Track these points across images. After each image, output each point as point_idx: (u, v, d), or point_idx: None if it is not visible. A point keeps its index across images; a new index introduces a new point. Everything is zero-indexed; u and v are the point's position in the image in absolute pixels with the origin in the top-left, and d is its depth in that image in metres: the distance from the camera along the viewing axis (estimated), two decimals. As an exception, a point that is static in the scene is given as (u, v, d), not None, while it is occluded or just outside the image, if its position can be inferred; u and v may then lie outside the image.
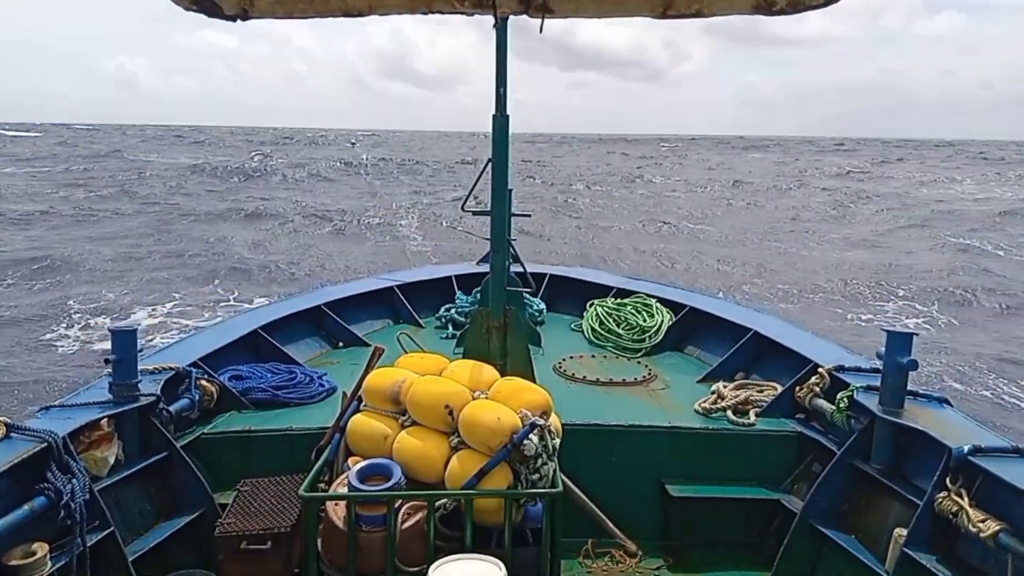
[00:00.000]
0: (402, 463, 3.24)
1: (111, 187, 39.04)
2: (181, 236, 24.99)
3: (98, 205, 32.20)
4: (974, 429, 3.64)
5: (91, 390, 4.01)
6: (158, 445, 3.95)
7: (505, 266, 4.19)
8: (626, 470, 4.39)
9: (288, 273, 19.99)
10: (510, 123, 3.92)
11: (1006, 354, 13.86)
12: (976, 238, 27.77)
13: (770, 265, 22.55)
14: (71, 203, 32.53)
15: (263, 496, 3.60)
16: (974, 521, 3.07)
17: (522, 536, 3.25)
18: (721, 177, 55.73)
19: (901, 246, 26.71)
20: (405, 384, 3.46)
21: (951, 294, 18.70)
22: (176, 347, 5.05)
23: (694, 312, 6.34)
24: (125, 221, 28.33)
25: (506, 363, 4.05)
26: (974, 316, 17.14)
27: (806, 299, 18.43)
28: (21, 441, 3.17)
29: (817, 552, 3.91)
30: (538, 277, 7.25)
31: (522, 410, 3.26)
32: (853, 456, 3.94)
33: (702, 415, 4.65)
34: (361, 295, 7.00)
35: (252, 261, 21.07)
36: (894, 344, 3.87)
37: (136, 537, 3.68)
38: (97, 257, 20.75)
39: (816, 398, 4.47)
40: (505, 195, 4.06)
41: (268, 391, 4.75)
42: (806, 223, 32.49)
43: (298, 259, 21.99)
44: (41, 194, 35.61)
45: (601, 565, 4.16)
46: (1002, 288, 19.29)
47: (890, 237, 28.84)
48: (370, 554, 3.07)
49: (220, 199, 35.59)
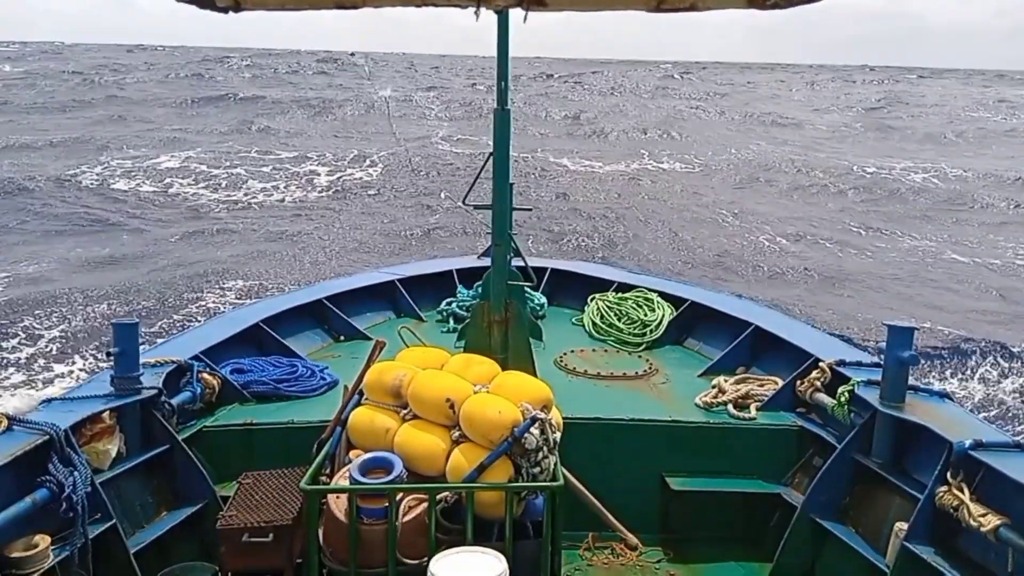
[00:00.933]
0: (403, 456, 3.24)
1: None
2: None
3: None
4: (975, 424, 3.64)
5: (93, 383, 4.02)
6: (160, 438, 3.96)
7: (506, 260, 4.18)
8: (627, 464, 4.39)
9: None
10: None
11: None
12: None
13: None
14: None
15: (265, 489, 3.60)
16: (975, 515, 3.07)
17: (523, 529, 3.26)
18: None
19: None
20: (406, 378, 3.46)
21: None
22: (178, 340, 5.07)
23: (695, 306, 6.34)
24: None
25: (507, 357, 4.05)
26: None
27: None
28: (23, 433, 3.18)
29: (818, 546, 3.91)
30: (539, 271, 7.25)
31: (523, 404, 3.26)
32: (854, 450, 3.94)
33: (703, 409, 4.65)
34: (362, 289, 7.01)
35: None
36: (895, 338, 3.87)
37: (138, 530, 3.70)
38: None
39: (817, 392, 4.47)
40: (506, 189, 4.06)
41: (270, 384, 4.75)
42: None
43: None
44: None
45: (602, 558, 4.17)
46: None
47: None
48: (371, 547, 3.08)
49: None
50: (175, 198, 21.38)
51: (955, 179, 26.55)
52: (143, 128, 32.69)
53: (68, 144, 28.21)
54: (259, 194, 22.23)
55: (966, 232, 19.83)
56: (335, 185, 23.52)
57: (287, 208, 20.97)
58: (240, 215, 19.76)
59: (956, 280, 15.53)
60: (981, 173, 27.34)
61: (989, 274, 16.08)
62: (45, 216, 18.38)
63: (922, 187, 24.98)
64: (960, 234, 19.57)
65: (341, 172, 24.97)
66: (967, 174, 27.20)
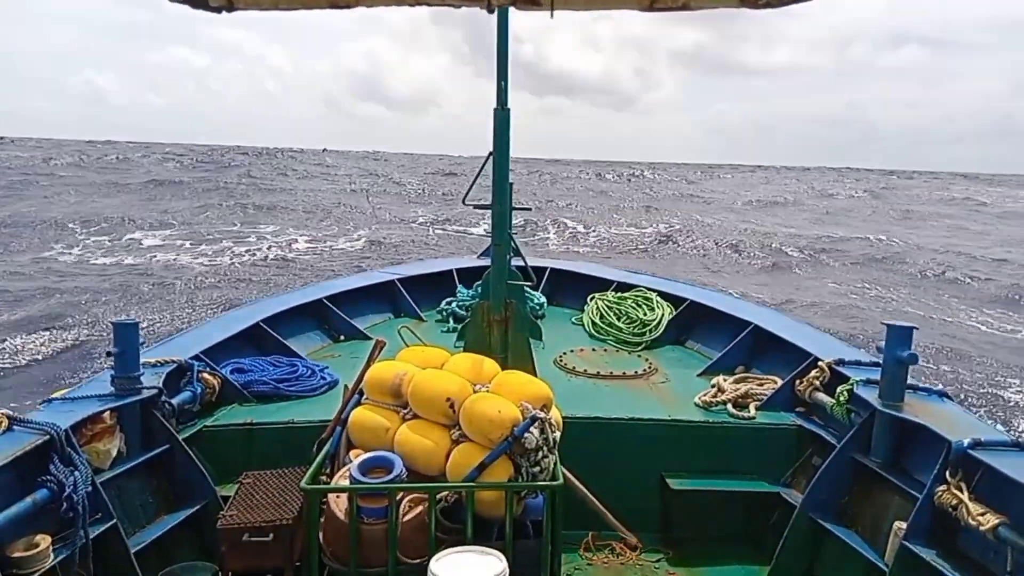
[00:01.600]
0: (403, 456, 3.25)
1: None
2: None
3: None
4: (974, 423, 3.65)
5: (93, 383, 4.02)
6: (160, 438, 3.96)
7: (506, 260, 4.19)
8: (626, 463, 4.40)
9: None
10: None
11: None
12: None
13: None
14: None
15: (265, 489, 3.61)
16: (974, 514, 3.08)
17: (523, 529, 3.27)
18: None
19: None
20: (406, 377, 3.47)
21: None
22: (178, 340, 5.06)
23: (694, 306, 6.35)
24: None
25: (507, 356, 4.06)
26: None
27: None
28: (23, 433, 3.18)
29: (817, 545, 3.92)
30: (539, 271, 7.26)
31: (523, 403, 3.26)
32: (853, 449, 3.95)
33: (702, 408, 4.66)
34: (362, 288, 7.01)
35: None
36: (894, 338, 3.87)
37: (138, 529, 3.70)
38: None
39: (816, 391, 4.48)
40: (506, 189, 4.06)
41: (270, 384, 4.76)
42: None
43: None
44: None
45: (601, 557, 4.17)
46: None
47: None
48: (371, 546, 3.08)
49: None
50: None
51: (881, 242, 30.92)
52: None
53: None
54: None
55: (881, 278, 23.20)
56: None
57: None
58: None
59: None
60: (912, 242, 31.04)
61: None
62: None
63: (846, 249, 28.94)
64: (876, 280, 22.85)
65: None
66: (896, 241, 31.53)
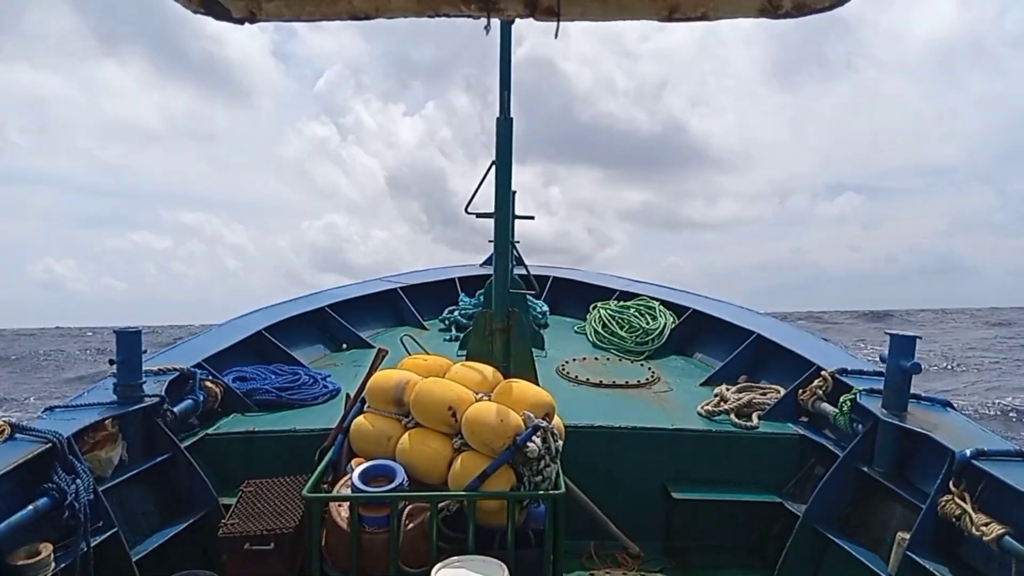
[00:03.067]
0: (405, 464, 3.24)
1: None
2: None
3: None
4: (977, 432, 3.63)
5: (95, 391, 4.02)
6: (162, 446, 3.95)
7: (508, 268, 4.19)
8: (629, 472, 4.38)
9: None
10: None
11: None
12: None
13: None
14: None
15: (267, 497, 3.61)
16: (977, 524, 3.06)
17: (525, 538, 3.26)
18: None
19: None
20: (409, 386, 3.47)
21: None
22: (181, 348, 5.07)
23: (697, 315, 6.34)
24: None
25: (509, 365, 4.05)
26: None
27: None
28: (25, 441, 3.18)
29: (820, 555, 3.90)
30: (541, 279, 7.26)
31: (525, 412, 3.26)
32: (856, 459, 3.93)
33: (705, 418, 4.65)
34: (365, 297, 7.02)
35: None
36: (897, 347, 3.86)
37: (140, 538, 3.69)
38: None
39: (819, 401, 4.47)
40: (509, 197, 4.06)
41: (272, 392, 4.76)
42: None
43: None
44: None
45: (604, 567, 4.15)
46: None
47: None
48: (373, 555, 3.08)
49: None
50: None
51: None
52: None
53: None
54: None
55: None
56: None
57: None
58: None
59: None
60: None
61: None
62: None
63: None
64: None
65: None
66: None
